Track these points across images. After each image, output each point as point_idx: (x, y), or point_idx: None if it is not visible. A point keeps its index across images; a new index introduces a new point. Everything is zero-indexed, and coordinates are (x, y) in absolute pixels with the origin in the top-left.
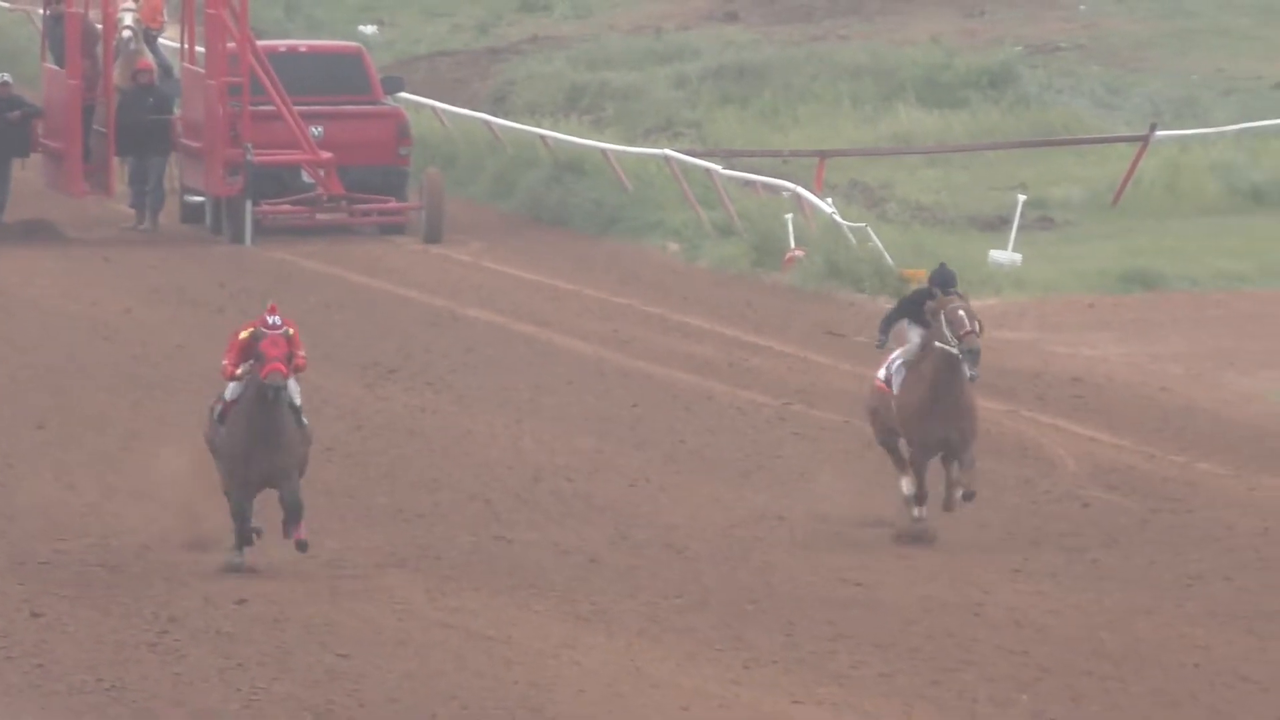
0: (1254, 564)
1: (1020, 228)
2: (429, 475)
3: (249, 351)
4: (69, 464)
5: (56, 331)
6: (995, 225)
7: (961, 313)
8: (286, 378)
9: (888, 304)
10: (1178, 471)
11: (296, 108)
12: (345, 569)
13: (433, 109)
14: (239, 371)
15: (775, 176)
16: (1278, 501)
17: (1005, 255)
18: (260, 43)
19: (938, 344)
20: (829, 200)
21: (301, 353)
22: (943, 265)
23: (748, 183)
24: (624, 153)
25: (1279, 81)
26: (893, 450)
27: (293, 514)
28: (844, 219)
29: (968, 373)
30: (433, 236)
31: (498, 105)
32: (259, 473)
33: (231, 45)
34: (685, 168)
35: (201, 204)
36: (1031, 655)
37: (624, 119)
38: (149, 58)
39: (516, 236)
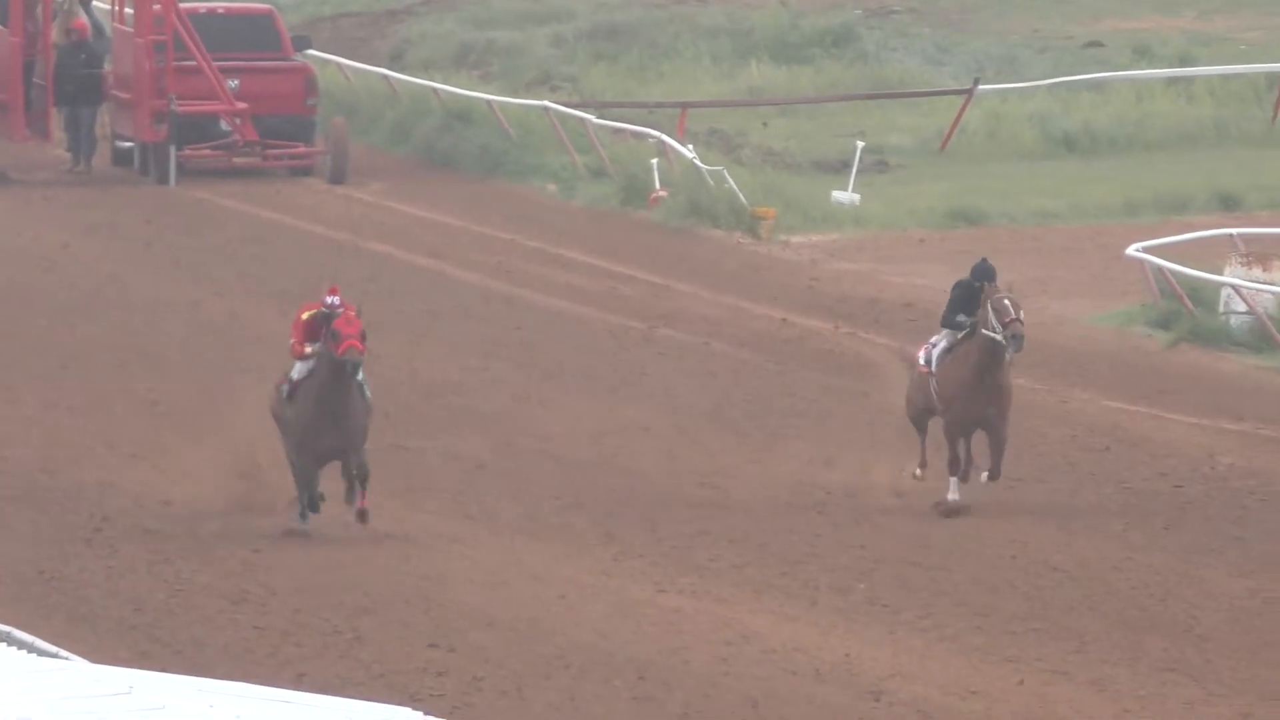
0: (1063, 468)
1: (859, 171)
2: None
3: (314, 331)
4: (13, 382)
5: (1, 264)
6: (837, 169)
7: (1007, 302)
8: (363, 354)
9: (743, 239)
10: None
11: (215, 63)
12: (261, 475)
13: (337, 64)
14: (308, 350)
15: (642, 125)
16: (1085, 413)
17: (846, 195)
18: (183, 4)
19: (983, 330)
20: (690, 146)
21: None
22: (984, 260)
23: (618, 131)
24: (507, 104)
25: (1088, 41)
26: (920, 430)
27: (361, 482)
28: (703, 163)
29: (1008, 355)
30: (337, 178)
31: (395, 61)
32: (328, 446)
33: (157, 7)
34: (562, 117)
35: (130, 149)
36: (868, 549)
37: (508, 73)
38: (83, 18)
39: (412, 178)
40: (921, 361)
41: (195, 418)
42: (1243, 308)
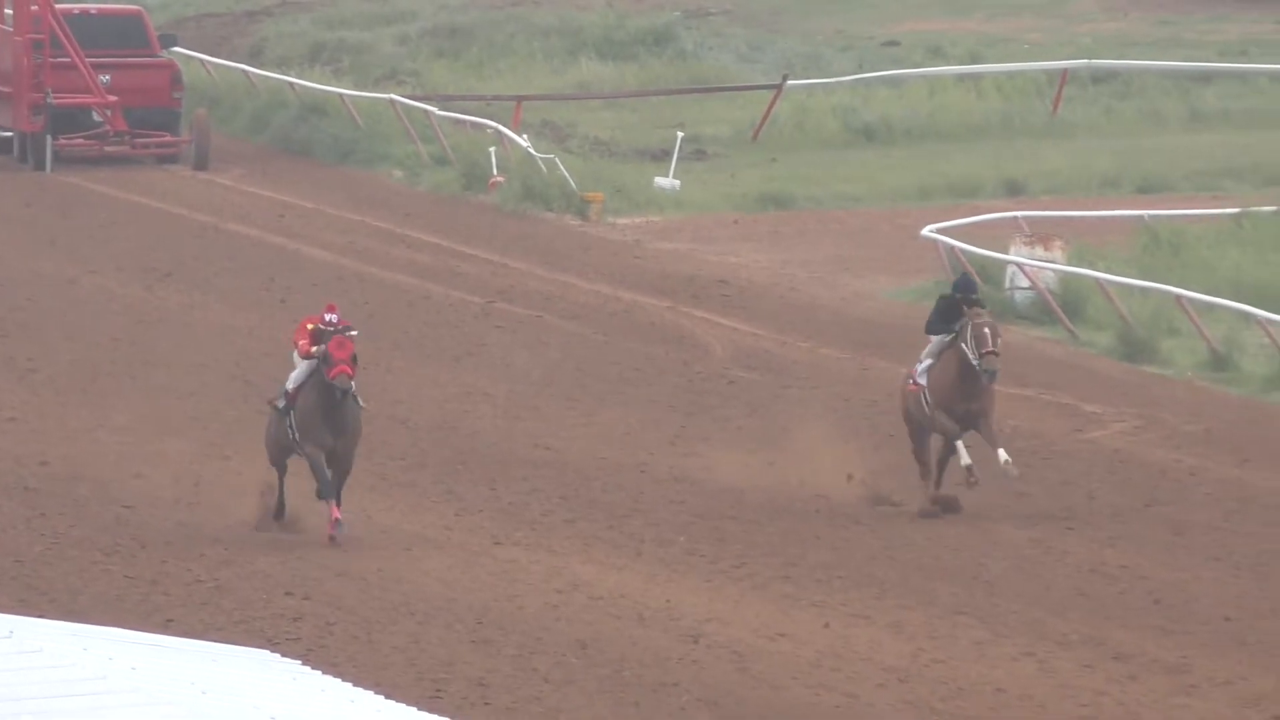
0: (865, 430)
1: (679, 159)
2: (198, 360)
3: (318, 339)
4: None
5: None
6: (659, 156)
7: (986, 331)
8: (352, 378)
9: (573, 221)
10: (804, 355)
11: (88, 60)
12: (130, 437)
13: (201, 61)
14: (314, 350)
15: (481, 117)
16: (885, 380)
17: (667, 181)
18: (58, 5)
19: (963, 346)
20: (524, 136)
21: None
22: (965, 275)
23: (458, 122)
24: (357, 97)
25: (886, 41)
26: (921, 459)
27: (340, 484)
28: (536, 151)
29: (983, 381)
30: (201, 165)
31: (254, 58)
32: (330, 440)
33: (34, 8)
34: (407, 109)
35: (10, 138)
36: (687, 505)
37: (357, 69)
38: None
39: (269, 165)
40: (911, 383)
41: (71, 384)
42: (1026, 284)
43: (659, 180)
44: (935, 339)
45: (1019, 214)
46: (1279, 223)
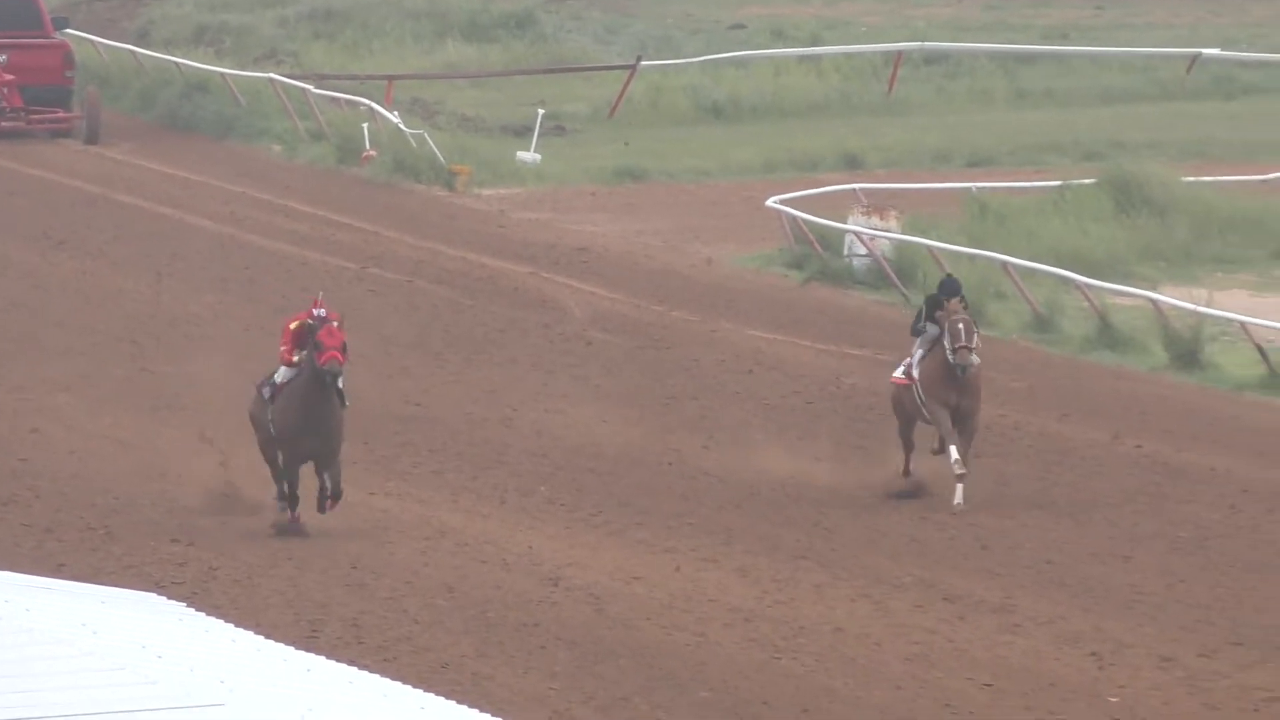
0: (714, 388)
1: (540, 134)
2: (89, 323)
3: (301, 339)
4: None
5: None
6: (521, 132)
7: (960, 327)
8: (343, 365)
9: (441, 192)
10: (657, 318)
11: None
12: (26, 394)
13: (91, 42)
14: (295, 359)
15: (355, 95)
16: (731, 340)
17: (529, 155)
18: None
19: (944, 342)
20: (395, 113)
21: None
22: (949, 276)
23: (334, 99)
24: (239, 76)
25: (733, 24)
26: (907, 447)
27: (334, 494)
28: (407, 127)
29: (959, 374)
30: (92, 139)
31: (141, 39)
32: (308, 449)
33: None
34: (286, 88)
35: None
36: (548, 457)
37: (238, 50)
38: None
39: (157, 140)
40: (900, 375)
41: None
42: (863, 251)
43: (521, 154)
44: (929, 331)
45: (857, 186)
46: (1097, 194)
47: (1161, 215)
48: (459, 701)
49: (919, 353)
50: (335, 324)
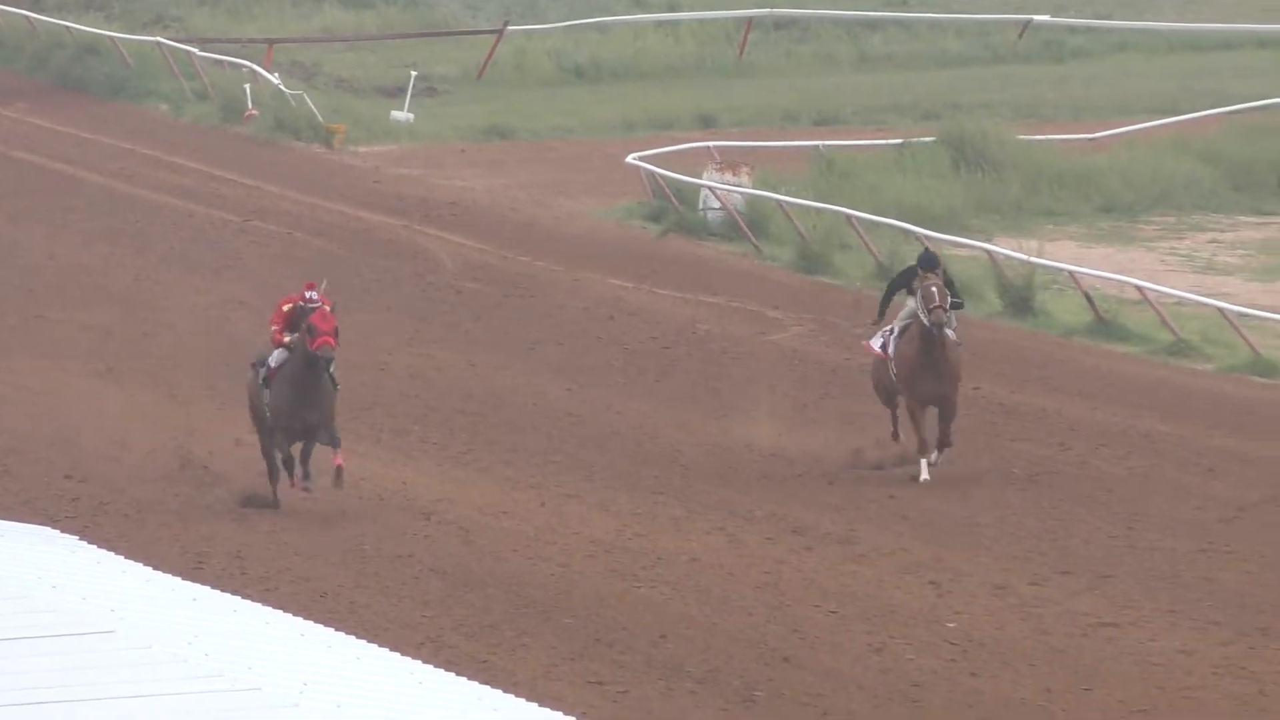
0: (577, 334)
1: (413, 95)
2: None
3: (293, 322)
4: None
5: None
6: (395, 93)
7: (934, 290)
8: (335, 349)
9: (319, 150)
10: (524, 268)
11: None
12: None
13: None
14: (286, 340)
15: (237, 57)
16: (595, 290)
17: (402, 114)
18: None
19: (918, 313)
20: (276, 75)
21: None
22: (927, 249)
23: (218, 62)
24: (127, 39)
25: None
26: (889, 405)
27: (334, 445)
28: (286, 88)
29: (951, 336)
30: None
31: (35, 4)
32: (304, 425)
33: None
34: (172, 50)
35: None
36: (421, 398)
37: (127, 15)
38: None
39: (49, 100)
40: (877, 347)
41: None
42: (718, 205)
43: (395, 114)
44: (905, 308)
45: (711, 144)
46: (936, 152)
47: (996, 172)
48: (336, 628)
49: (895, 329)
50: (328, 309)
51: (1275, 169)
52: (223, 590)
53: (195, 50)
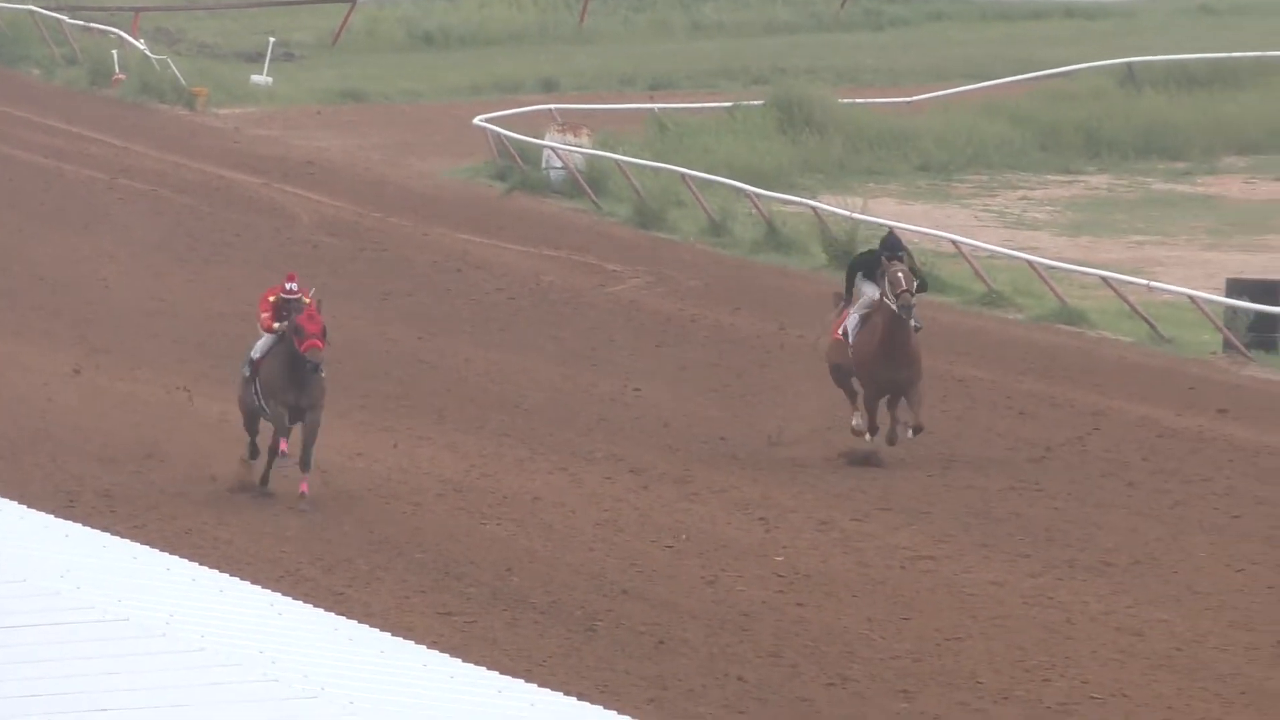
0: (427, 285)
1: (272, 60)
2: None
3: (278, 312)
4: None
5: None
6: (254, 58)
7: (900, 275)
8: (323, 351)
9: (183, 112)
10: (376, 223)
11: None
12: None
13: None
14: (276, 326)
15: (105, 24)
16: (442, 243)
17: (261, 78)
18: None
19: (885, 299)
20: (142, 41)
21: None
22: (891, 232)
23: (87, 28)
24: (1, 7)
25: None
26: (846, 389)
27: (309, 447)
28: (152, 54)
29: (911, 323)
30: None
31: None
32: (294, 405)
33: None
34: (43, 18)
35: None
36: None
37: None
38: None
39: None
40: (839, 333)
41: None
42: (559, 164)
43: (254, 78)
44: (865, 296)
45: (553, 107)
46: (764, 115)
47: (820, 133)
48: (201, 563)
49: (855, 317)
50: (314, 308)
51: (1080, 130)
52: (93, 528)
53: (65, 18)
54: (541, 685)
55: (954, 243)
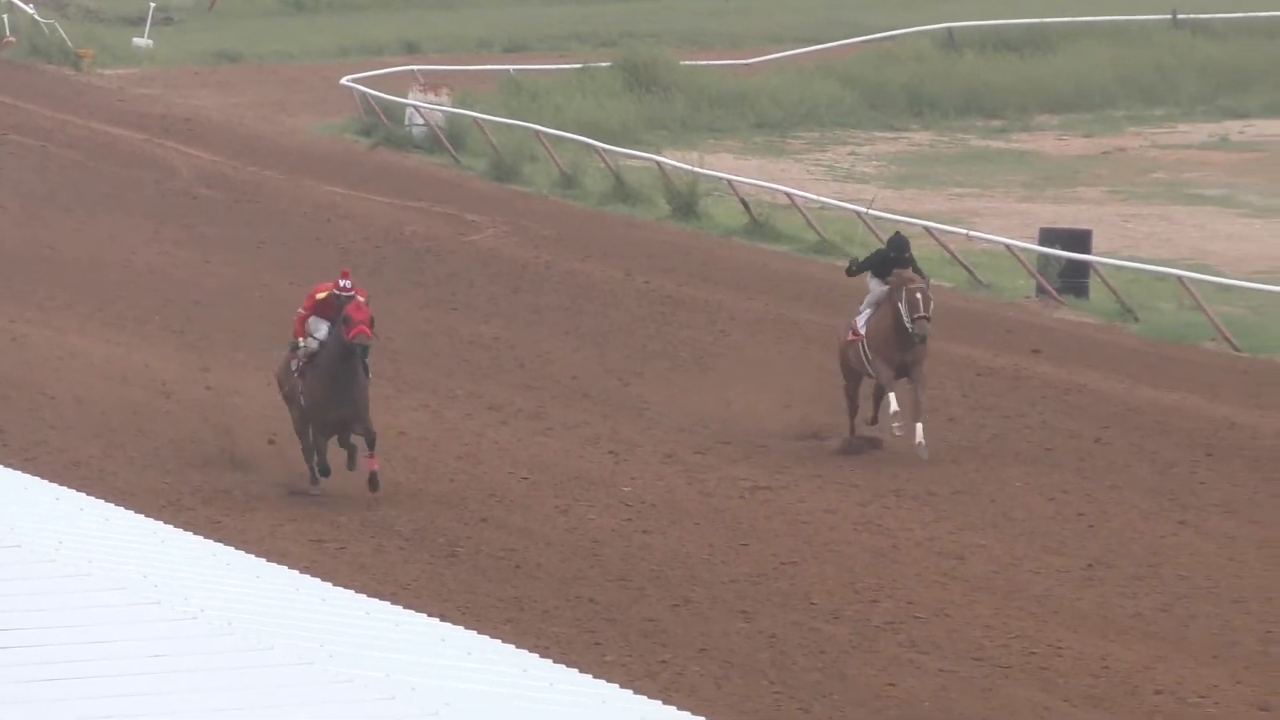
0: (298, 235)
1: (152, 24)
2: None
3: (325, 310)
4: None
5: None
6: (137, 22)
7: (919, 297)
8: (371, 339)
9: (70, 72)
10: (251, 176)
11: None
12: None
13: None
14: (304, 340)
15: None
16: (314, 195)
17: (143, 41)
18: None
19: (899, 305)
20: (31, 5)
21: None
22: (898, 233)
23: None
24: None
25: None
26: (851, 409)
27: (369, 445)
28: (40, 18)
29: (916, 342)
30: None
31: None
32: (338, 418)
33: None
34: None
35: None
36: (161, 292)
37: None
38: None
39: None
40: (850, 334)
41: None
42: (421, 122)
43: (137, 40)
44: (873, 291)
45: (415, 68)
46: (612, 75)
47: (664, 93)
48: (89, 494)
49: (865, 312)
50: (362, 299)
51: (904, 91)
52: None
53: None
54: (406, 607)
55: (788, 195)
